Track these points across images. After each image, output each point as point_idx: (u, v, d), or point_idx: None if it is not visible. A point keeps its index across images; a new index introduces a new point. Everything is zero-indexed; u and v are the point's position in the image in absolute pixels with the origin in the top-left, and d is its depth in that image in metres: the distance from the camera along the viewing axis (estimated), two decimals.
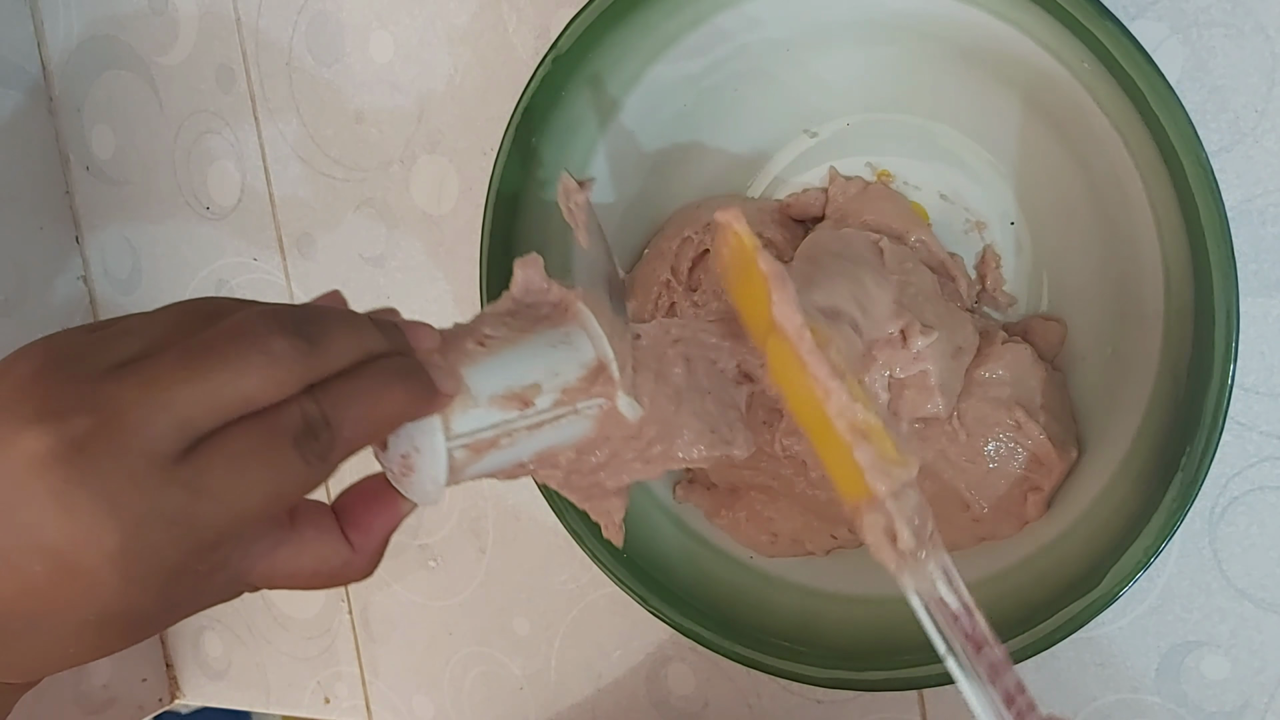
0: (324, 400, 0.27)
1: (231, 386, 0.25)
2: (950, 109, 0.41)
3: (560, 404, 0.32)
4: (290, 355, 0.26)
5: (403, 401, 0.29)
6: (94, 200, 0.65)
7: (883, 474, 0.29)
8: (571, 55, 0.40)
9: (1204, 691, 0.40)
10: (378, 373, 0.28)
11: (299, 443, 0.26)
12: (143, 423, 0.24)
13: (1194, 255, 0.34)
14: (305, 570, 0.31)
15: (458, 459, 0.30)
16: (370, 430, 0.28)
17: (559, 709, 0.54)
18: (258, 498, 0.26)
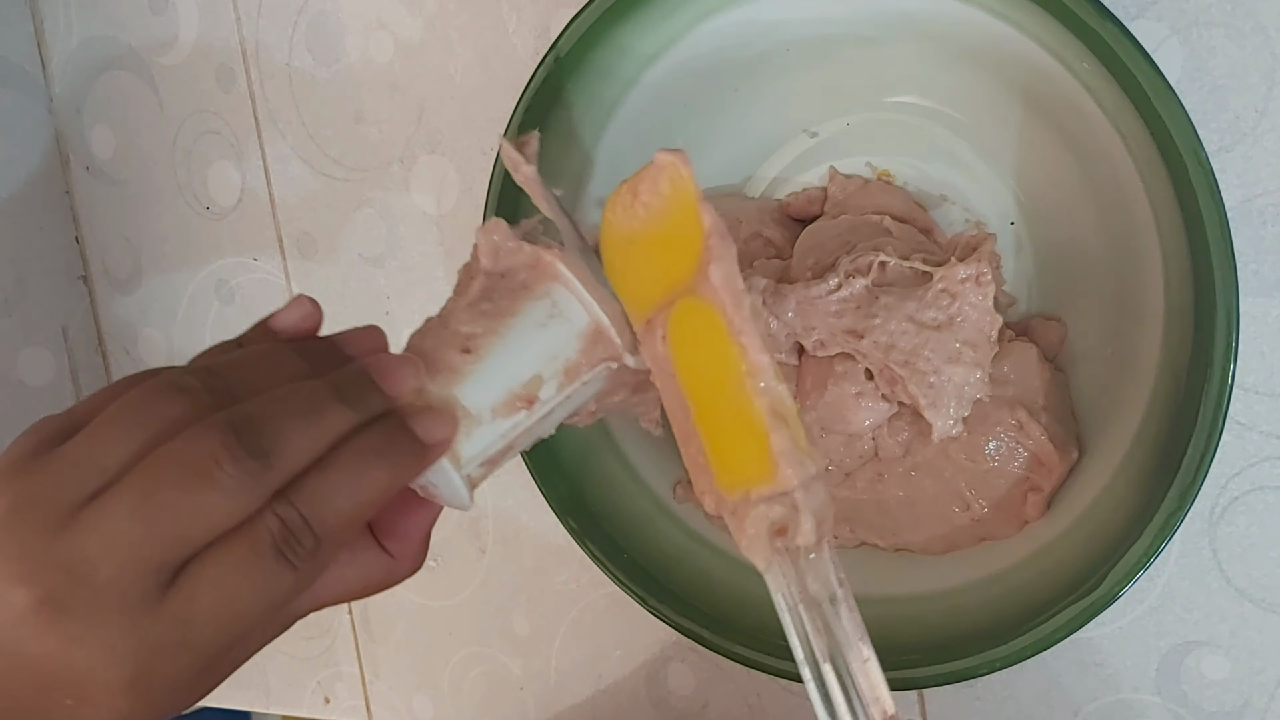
0: (299, 501, 0.26)
1: (194, 523, 0.25)
2: (951, 109, 0.41)
3: (565, 385, 0.30)
4: (244, 483, 0.26)
5: (387, 478, 0.28)
6: (94, 200, 0.65)
7: (797, 462, 0.27)
8: (572, 55, 0.40)
9: (1204, 692, 0.40)
10: (352, 457, 0.27)
11: (280, 553, 0.26)
12: (114, 576, 0.25)
13: (1194, 255, 0.34)
14: (351, 590, 0.31)
15: (476, 476, 0.30)
16: (357, 515, 0.27)
17: (559, 709, 0.54)
18: (253, 611, 0.26)
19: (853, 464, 0.41)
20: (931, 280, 0.38)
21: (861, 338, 0.38)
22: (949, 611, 0.39)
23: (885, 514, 0.41)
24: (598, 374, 0.31)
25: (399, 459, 0.28)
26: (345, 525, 0.27)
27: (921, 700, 0.46)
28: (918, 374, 0.38)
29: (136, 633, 0.25)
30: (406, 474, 0.28)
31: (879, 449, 0.41)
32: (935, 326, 0.38)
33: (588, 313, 0.31)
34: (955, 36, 0.38)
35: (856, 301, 0.39)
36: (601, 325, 0.31)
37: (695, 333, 0.29)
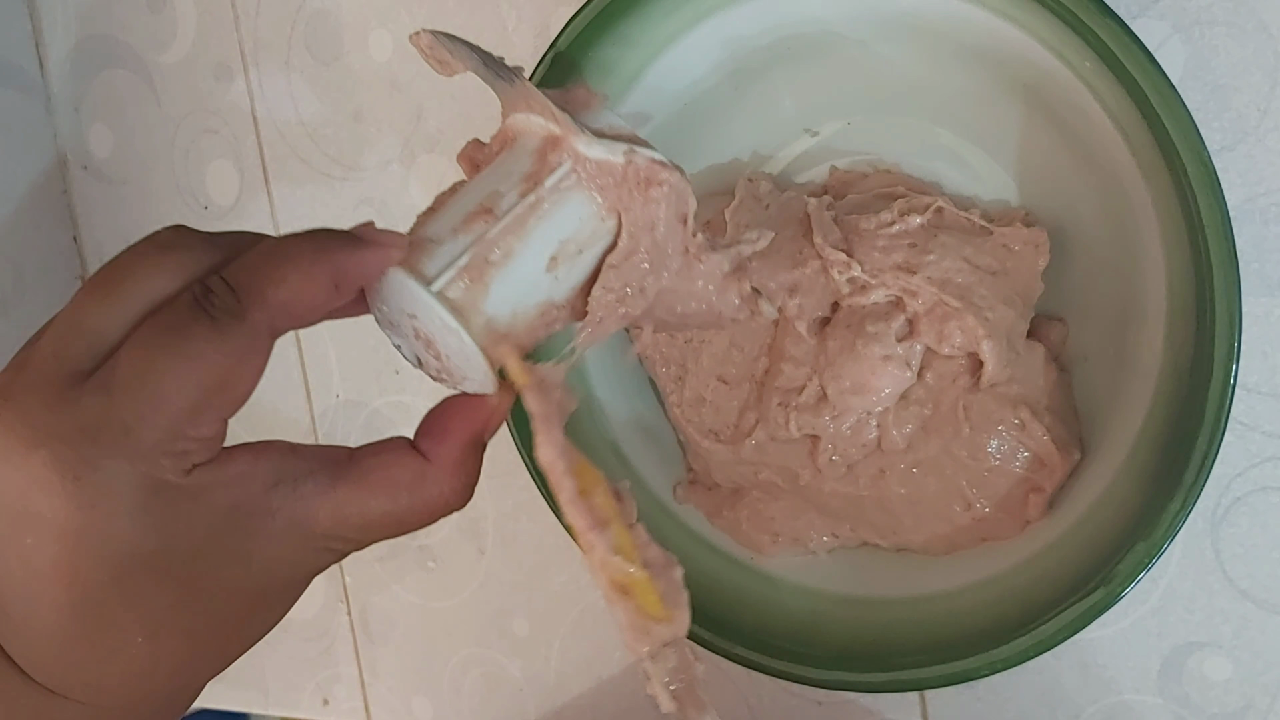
0: (225, 270, 0.26)
1: (135, 289, 0.25)
2: (952, 108, 0.41)
3: (528, 191, 0.29)
4: (192, 244, 0.26)
5: (316, 254, 0.26)
6: (92, 199, 0.65)
7: (641, 633, 0.27)
8: (571, 54, 0.40)
9: (1206, 693, 0.40)
10: (282, 239, 0.27)
11: (196, 307, 0.25)
12: (52, 350, 0.25)
13: (1196, 255, 0.33)
14: (378, 503, 0.28)
15: (457, 297, 0.27)
16: (289, 289, 0.26)
17: (559, 710, 0.54)
18: (176, 381, 0.24)
19: (856, 454, 0.41)
20: (991, 234, 0.39)
21: (914, 273, 0.39)
22: (950, 612, 0.39)
23: (887, 512, 0.41)
24: (565, 178, 0.29)
25: (331, 243, 0.27)
26: (268, 290, 0.25)
27: (923, 701, 0.45)
28: (974, 308, 0.38)
29: (61, 404, 0.24)
30: (338, 256, 0.27)
31: (882, 439, 0.41)
32: (991, 272, 0.39)
33: (533, 132, 0.30)
34: (956, 35, 0.38)
35: (911, 238, 0.39)
36: (548, 132, 0.30)
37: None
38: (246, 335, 0.25)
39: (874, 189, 0.42)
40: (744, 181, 0.43)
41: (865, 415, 0.40)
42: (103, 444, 0.24)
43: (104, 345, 0.25)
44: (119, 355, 0.24)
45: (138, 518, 0.24)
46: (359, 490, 0.27)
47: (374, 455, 0.28)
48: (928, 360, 0.40)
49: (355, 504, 0.27)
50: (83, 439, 0.24)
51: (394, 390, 0.56)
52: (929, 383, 0.40)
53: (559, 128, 0.30)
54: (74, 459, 0.24)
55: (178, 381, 0.24)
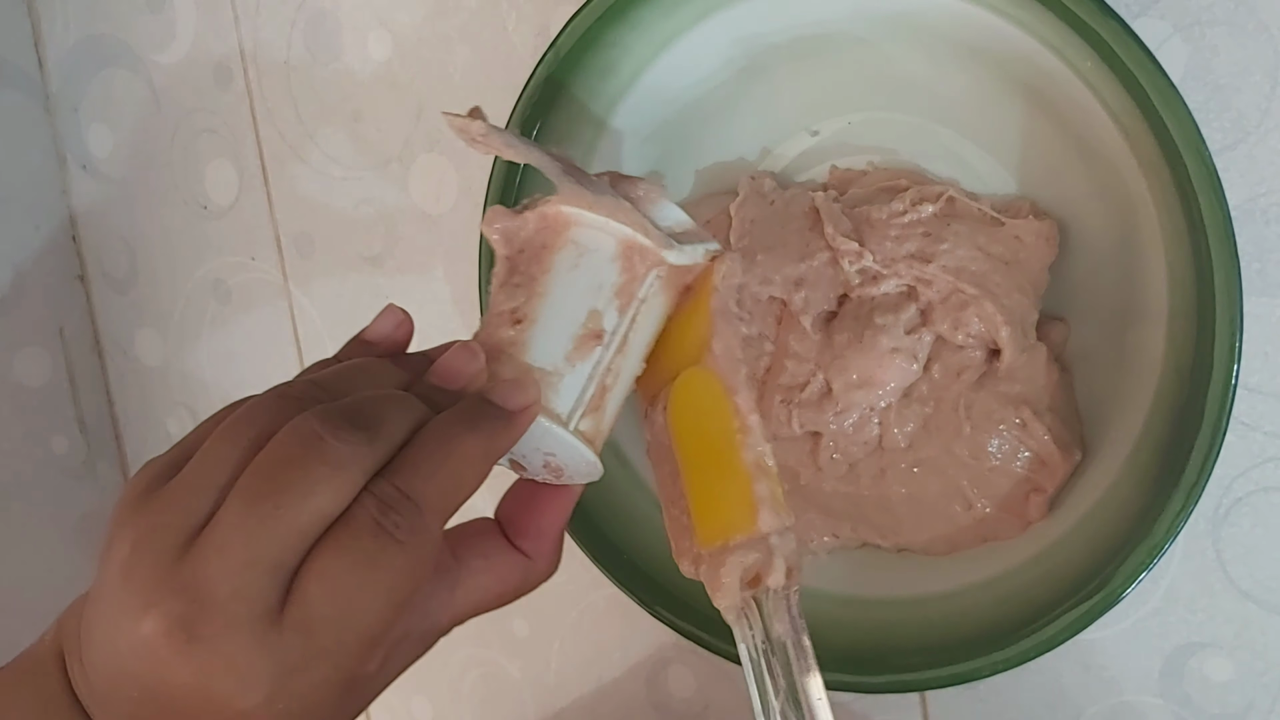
0: (395, 477, 0.26)
1: (304, 514, 0.25)
2: (952, 107, 0.41)
3: (625, 306, 0.30)
4: (353, 455, 0.25)
5: (478, 445, 0.27)
6: (91, 199, 0.65)
7: (774, 511, 0.29)
8: (571, 54, 0.40)
9: (1207, 694, 0.40)
10: (438, 430, 0.27)
11: (380, 528, 0.25)
12: (232, 592, 0.24)
13: (1197, 255, 0.33)
14: (490, 597, 0.31)
15: (588, 430, 0.30)
16: (459, 484, 0.27)
17: (559, 710, 0.54)
18: (373, 605, 0.25)
19: (857, 452, 0.41)
20: (1002, 225, 0.39)
21: (929, 262, 0.39)
22: (951, 613, 0.39)
23: (888, 512, 0.41)
24: (651, 286, 0.31)
25: (487, 426, 0.28)
26: (443, 496, 0.27)
27: (924, 702, 0.45)
28: (991, 295, 0.38)
29: (263, 649, 0.24)
30: (498, 439, 0.28)
31: (884, 437, 0.41)
32: (1004, 261, 0.39)
33: (611, 234, 0.30)
34: (957, 34, 0.38)
35: (924, 227, 0.39)
36: (627, 237, 0.31)
37: (695, 397, 0.32)
38: (431, 545, 0.26)
39: (876, 184, 0.42)
40: (747, 180, 0.43)
41: (868, 412, 0.40)
42: (310, 673, 0.25)
43: (286, 576, 0.25)
44: (308, 590, 0.25)
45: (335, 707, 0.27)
46: (474, 595, 0.31)
47: (481, 558, 0.31)
48: (934, 353, 0.40)
49: (471, 604, 0.31)
50: (289, 673, 0.25)
51: None
52: (934, 377, 0.40)
53: (650, 243, 0.31)
54: (281, 693, 0.25)
55: (374, 607, 0.26)
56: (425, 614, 0.30)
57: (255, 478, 0.25)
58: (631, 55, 0.41)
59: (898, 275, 0.39)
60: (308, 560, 0.25)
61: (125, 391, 0.67)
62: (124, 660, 0.25)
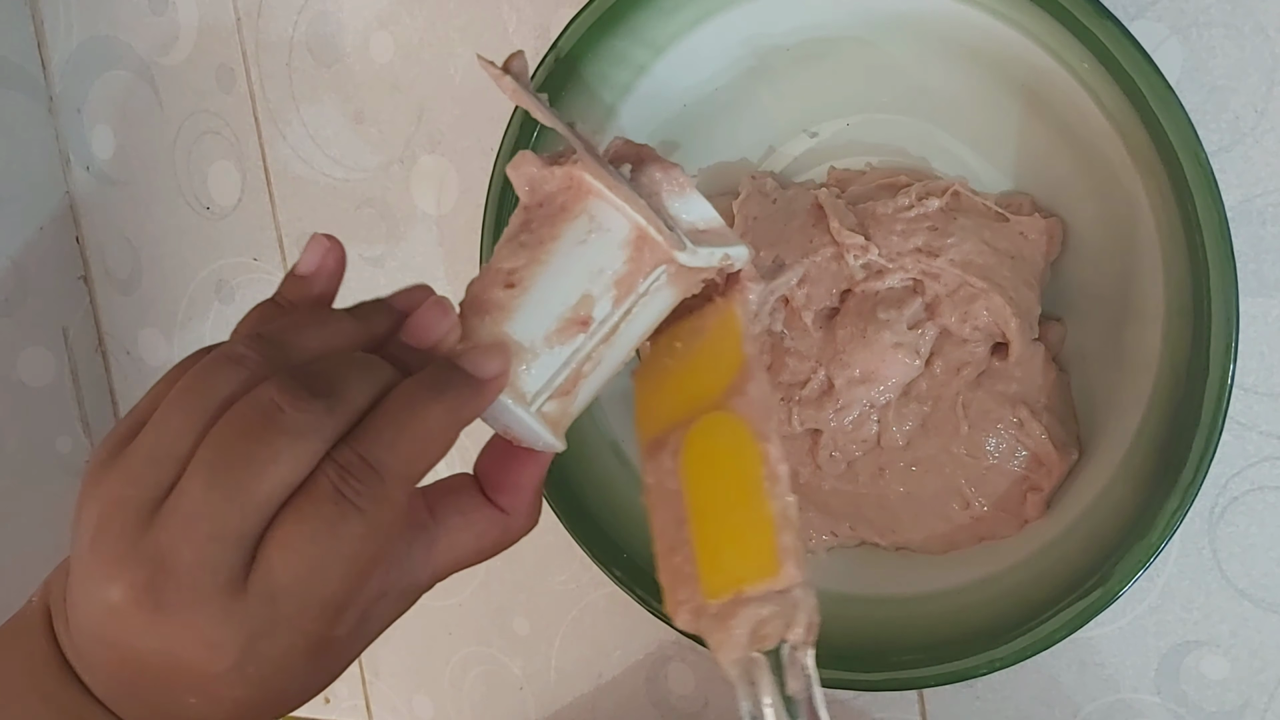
0: (355, 444, 0.26)
1: (265, 484, 0.25)
2: (950, 109, 0.41)
3: (622, 298, 0.29)
4: (313, 424, 0.25)
5: (442, 414, 0.27)
6: (94, 200, 0.65)
7: (799, 561, 0.28)
8: (572, 55, 0.40)
9: (1204, 691, 0.40)
10: (403, 397, 0.27)
11: (340, 494, 0.25)
12: (195, 562, 0.25)
13: (1193, 255, 0.34)
14: (468, 553, 0.31)
15: (551, 412, 0.29)
16: (423, 451, 0.27)
17: (559, 709, 0.54)
18: (335, 573, 0.26)
19: (856, 450, 0.41)
20: (1008, 221, 0.39)
21: (936, 256, 0.39)
22: (949, 611, 0.39)
23: (886, 510, 0.41)
24: (656, 281, 0.29)
25: (453, 395, 0.27)
26: (406, 463, 0.26)
27: (921, 700, 0.46)
28: (999, 288, 0.38)
29: (228, 618, 0.25)
30: (464, 409, 0.28)
31: (882, 435, 0.41)
32: (1010, 255, 0.39)
33: (626, 218, 0.29)
34: (954, 37, 0.38)
35: (931, 221, 0.39)
36: (642, 228, 0.29)
37: (718, 442, 0.31)
38: (393, 512, 0.26)
39: (875, 181, 0.42)
40: (748, 179, 0.43)
41: (867, 409, 0.41)
42: (277, 638, 0.26)
43: (249, 546, 0.25)
44: (271, 559, 0.25)
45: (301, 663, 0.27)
46: (453, 551, 0.31)
47: (458, 514, 0.31)
48: (936, 347, 0.40)
49: (450, 560, 0.31)
50: (256, 639, 0.25)
51: None
52: (935, 372, 0.40)
53: (664, 242, 0.29)
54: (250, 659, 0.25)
55: (336, 574, 0.26)
56: (404, 571, 0.30)
57: (215, 449, 0.25)
58: (631, 57, 0.41)
59: (904, 269, 0.39)
60: (270, 529, 0.25)
61: (128, 392, 0.67)
62: (98, 627, 0.26)
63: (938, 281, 0.39)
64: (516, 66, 0.31)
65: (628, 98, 0.42)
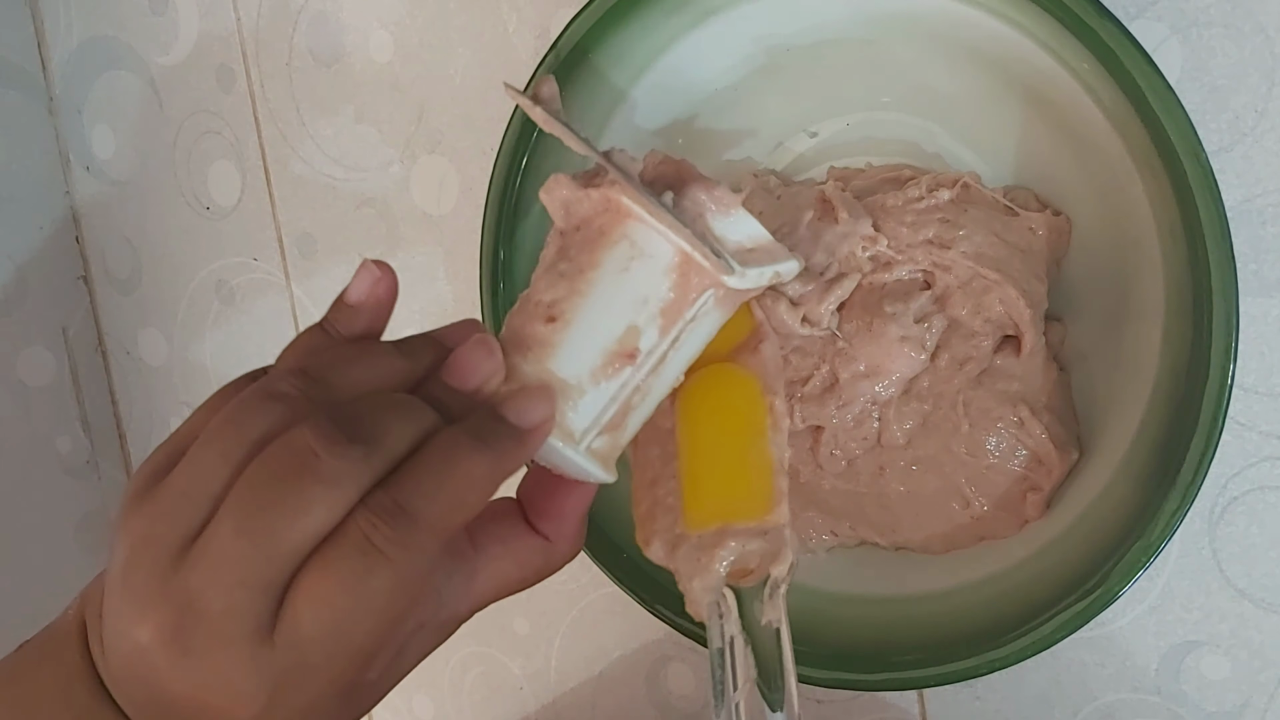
0: (393, 491, 0.25)
1: (293, 527, 0.24)
2: (950, 109, 0.41)
3: (669, 327, 0.28)
4: (348, 471, 0.25)
5: (485, 466, 0.26)
6: (94, 200, 0.65)
7: (787, 505, 0.29)
8: (572, 56, 0.40)
9: (1204, 691, 0.40)
10: (444, 445, 0.26)
11: (370, 544, 0.24)
12: (226, 607, 0.24)
13: (1194, 255, 0.34)
14: (510, 582, 0.30)
15: (601, 449, 0.28)
16: (461, 503, 0.26)
17: (559, 709, 0.54)
18: (363, 624, 0.25)
19: (856, 449, 0.41)
20: (1017, 215, 0.39)
21: (948, 248, 0.39)
22: (949, 611, 0.39)
23: (886, 509, 0.41)
24: (704, 306, 0.28)
25: (497, 446, 0.26)
26: (443, 514, 0.26)
27: (921, 700, 0.46)
28: (1012, 280, 0.38)
29: (255, 666, 0.24)
30: (507, 460, 0.27)
31: (883, 434, 0.41)
32: (1021, 249, 0.39)
33: (669, 242, 0.28)
34: (954, 37, 0.38)
35: (941, 213, 0.39)
36: (687, 252, 0.28)
37: (723, 391, 0.32)
38: (425, 562, 0.25)
39: (878, 176, 0.42)
40: (750, 176, 0.43)
41: (869, 405, 0.40)
42: (305, 688, 0.25)
43: (277, 594, 0.25)
44: (299, 608, 0.25)
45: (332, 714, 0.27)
46: (495, 581, 0.30)
47: (500, 543, 0.30)
48: (943, 341, 0.39)
49: (492, 590, 0.30)
50: (283, 688, 0.25)
51: None
52: (939, 368, 0.40)
53: (711, 267, 0.28)
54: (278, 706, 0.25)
55: (364, 626, 0.25)
56: (442, 604, 0.29)
57: (248, 492, 0.25)
58: (631, 58, 0.41)
59: (914, 261, 0.39)
60: (298, 577, 0.25)
61: (128, 391, 0.67)
62: (128, 662, 0.26)
63: (949, 273, 0.39)
64: (546, 93, 0.31)
65: (628, 98, 0.42)
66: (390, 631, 0.26)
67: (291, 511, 0.24)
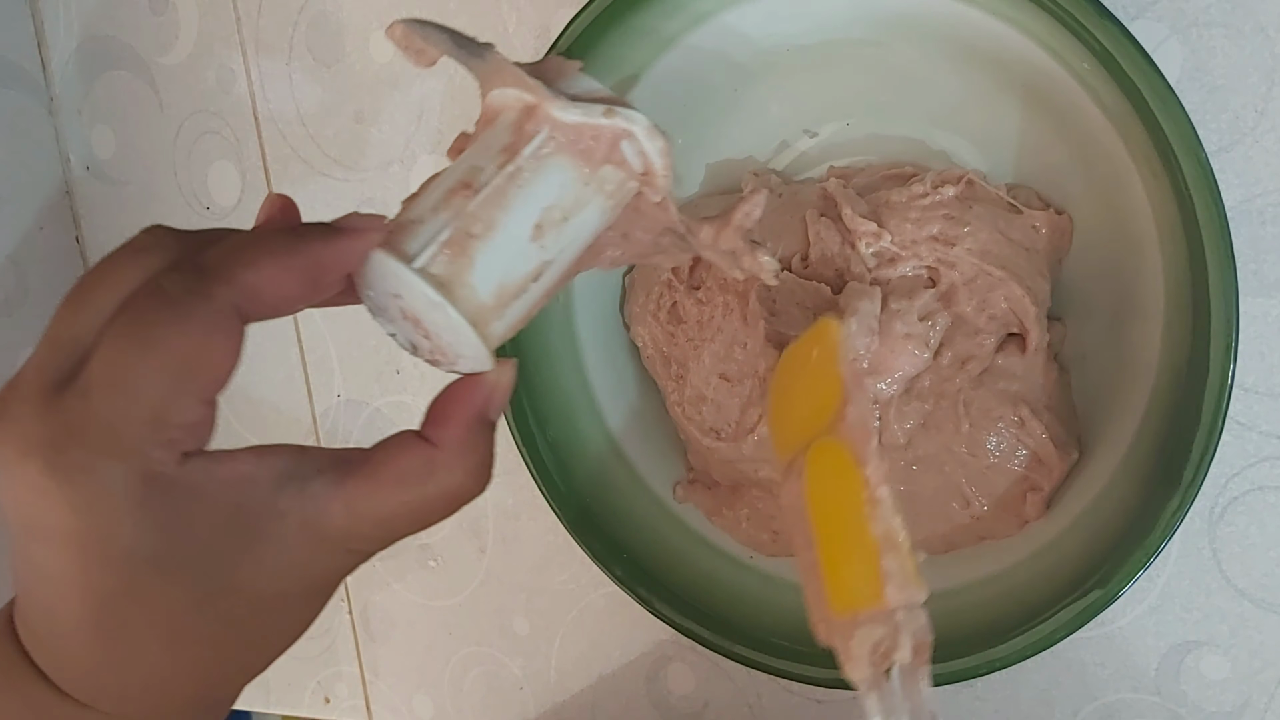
0: (197, 256, 0.25)
1: (103, 290, 0.24)
2: (950, 109, 0.41)
3: (504, 163, 0.29)
4: (164, 238, 0.25)
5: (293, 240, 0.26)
6: (94, 200, 0.66)
7: (902, 585, 0.29)
8: (571, 55, 0.40)
9: (1204, 691, 0.40)
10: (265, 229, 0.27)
11: (159, 291, 0.24)
12: (34, 365, 0.24)
13: (1193, 255, 0.34)
14: (391, 494, 0.27)
15: (440, 272, 0.27)
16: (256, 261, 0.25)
17: (559, 709, 0.54)
18: (149, 366, 0.23)
19: None
20: (1021, 213, 0.39)
21: (953, 245, 0.39)
22: (949, 611, 0.39)
23: None
24: (541, 145, 0.29)
25: (307, 233, 0.27)
26: (238, 267, 0.25)
27: None
28: (1017, 278, 0.38)
29: (42, 415, 0.23)
30: (316, 243, 0.26)
31: (883, 434, 0.41)
32: (1025, 247, 0.39)
33: (509, 105, 0.29)
34: (954, 37, 0.38)
35: (946, 209, 0.39)
36: (525, 102, 0.29)
37: (828, 467, 0.31)
38: (209, 311, 0.24)
39: (879, 173, 0.42)
40: (750, 175, 0.43)
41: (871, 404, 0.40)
42: (90, 444, 0.23)
43: (81, 350, 0.24)
44: (93, 355, 0.24)
45: (137, 515, 0.24)
46: (370, 484, 0.27)
47: (382, 449, 0.27)
48: (946, 339, 0.39)
49: (367, 499, 0.26)
50: (70, 442, 0.23)
51: (395, 390, 0.56)
52: (941, 366, 0.40)
53: (533, 96, 0.29)
54: (65, 463, 0.23)
55: (148, 368, 0.24)
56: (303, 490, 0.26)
57: (77, 282, 0.25)
58: (631, 57, 0.41)
59: (918, 257, 0.39)
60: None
61: None
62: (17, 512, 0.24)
63: (954, 270, 0.39)
64: (397, 34, 0.31)
65: (628, 97, 0.42)
66: (177, 388, 0.24)
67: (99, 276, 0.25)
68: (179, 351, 0.24)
